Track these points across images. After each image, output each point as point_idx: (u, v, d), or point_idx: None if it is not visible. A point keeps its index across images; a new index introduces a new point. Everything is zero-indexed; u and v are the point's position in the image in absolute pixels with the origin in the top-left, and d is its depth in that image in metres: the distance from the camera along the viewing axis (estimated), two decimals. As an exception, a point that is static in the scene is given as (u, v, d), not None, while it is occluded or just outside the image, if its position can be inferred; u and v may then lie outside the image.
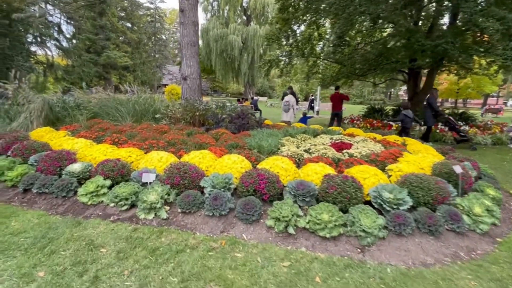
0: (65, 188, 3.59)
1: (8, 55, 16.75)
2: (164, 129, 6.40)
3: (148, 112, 8.41)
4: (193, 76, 8.54)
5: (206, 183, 3.55)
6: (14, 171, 4.04)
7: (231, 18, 42.89)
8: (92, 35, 19.59)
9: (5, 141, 5.18)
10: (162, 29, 49.35)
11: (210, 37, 40.47)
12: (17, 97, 7.09)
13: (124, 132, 6.18)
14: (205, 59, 43.45)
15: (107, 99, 8.30)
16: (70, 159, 4.16)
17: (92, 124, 6.94)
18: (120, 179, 3.80)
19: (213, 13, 45.72)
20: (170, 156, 4.24)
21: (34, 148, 4.62)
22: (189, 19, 8.26)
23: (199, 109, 7.28)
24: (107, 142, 5.14)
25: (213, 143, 5.18)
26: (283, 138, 5.90)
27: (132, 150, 4.41)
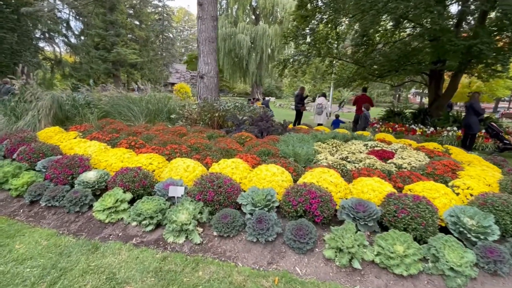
0: (78, 202, 3.05)
1: (16, 50, 16.34)
2: (182, 131, 5.87)
3: (162, 112, 7.89)
4: (210, 75, 8.01)
5: (244, 199, 3.00)
6: (19, 179, 3.53)
7: (239, 17, 42.36)
8: (102, 31, 19.15)
9: (11, 142, 4.68)
10: (170, 27, 49.00)
11: (218, 36, 40.01)
12: (25, 93, 6.60)
13: (139, 134, 5.66)
14: (212, 58, 43.02)
15: (119, 98, 7.78)
16: (83, 166, 3.64)
17: (104, 124, 6.44)
18: (141, 191, 3.27)
19: (221, 12, 45.17)
20: (197, 164, 3.69)
21: (42, 152, 4.10)
22: (208, 13, 7.73)
23: (219, 109, 6.74)
24: (123, 146, 4.61)
25: (240, 149, 4.64)
26: (315, 144, 5.34)
27: (153, 156, 3.87)
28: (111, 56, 18.95)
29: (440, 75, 12.59)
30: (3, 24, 15.45)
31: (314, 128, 8.22)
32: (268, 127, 6.22)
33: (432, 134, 10.40)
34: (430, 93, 13.62)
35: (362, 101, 11.10)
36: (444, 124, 11.61)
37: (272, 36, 40.51)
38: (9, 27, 15.70)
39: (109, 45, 19.73)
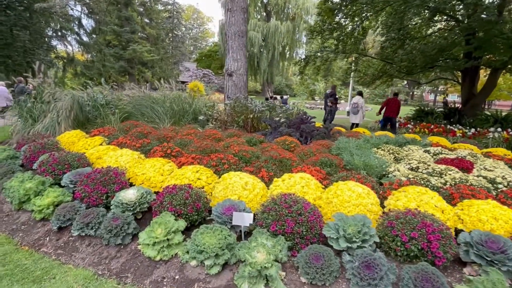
0: (119, 232, 2.42)
1: (29, 49, 15.94)
2: (217, 136, 5.22)
3: (187, 113, 7.26)
4: (240, 72, 7.35)
5: (332, 231, 2.32)
6: (44, 198, 2.91)
7: (251, 14, 41.61)
8: (117, 27, 18.63)
9: (30, 149, 4.09)
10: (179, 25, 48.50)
11: (227, 34, 39.39)
12: (42, 93, 6.03)
13: (170, 139, 5.04)
14: (223, 55, 42.40)
15: (141, 98, 7.18)
16: (119, 182, 3.01)
17: (128, 127, 5.84)
18: (195, 216, 2.62)
19: (232, 9, 44.55)
20: (255, 180, 3.03)
21: (67, 163, 3.49)
22: (238, 5, 7.06)
23: (254, 110, 6.07)
24: (157, 154, 3.98)
25: (294, 158, 3.96)
26: (371, 151, 4.63)
27: (200, 169, 3.22)
28: (126, 54, 18.40)
29: (475, 72, 11.74)
30: (16, 22, 15.04)
31: (353, 130, 7.51)
32: (312, 131, 5.54)
33: (474, 135, 9.57)
34: (464, 91, 12.74)
35: (393, 104, 10.45)
36: (484, 124, 10.77)
37: (284, 33, 39.71)
38: (22, 25, 15.30)
39: (124, 42, 19.19)
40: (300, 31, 42.84)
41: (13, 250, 2.48)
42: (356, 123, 10.97)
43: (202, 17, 73.06)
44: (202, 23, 73.45)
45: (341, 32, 12.06)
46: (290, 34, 40.66)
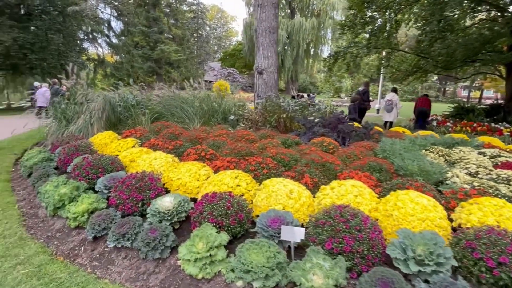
0: (158, 246, 2.22)
1: (63, 51, 16.51)
2: (250, 137, 4.98)
3: (217, 113, 7.09)
4: (270, 70, 7.07)
5: (398, 251, 2.00)
6: (78, 205, 2.78)
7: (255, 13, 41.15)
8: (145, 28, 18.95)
9: (64, 152, 4.03)
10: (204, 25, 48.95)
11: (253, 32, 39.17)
12: (75, 94, 6.06)
13: (202, 140, 4.86)
14: (247, 54, 42.28)
15: (171, 98, 7.08)
16: (155, 188, 2.83)
17: (159, 128, 5.74)
18: (238, 229, 2.38)
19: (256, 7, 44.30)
20: (300, 188, 2.75)
21: (101, 166, 3.37)
22: (269, 0, 6.77)
23: (287, 110, 5.78)
24: (192, 157, 3.80)
25: (338, 162, 3.63)
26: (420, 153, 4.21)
27: (239, 174, 2.98)
28: (154, 54, 18.67)
29: (523, 67, 10.80)
30: (50, 26, 15.60)
31: (392, 130, 7.03)
32: (351, 131, 5.17)
33: (525, 135, 8.74)
34: (509, 86, 11.77)
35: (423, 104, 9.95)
36: (532, 122, 9.89)
37: (309, 30, 38.93)
38: (56, 29, 15.85)
39: (152, 43, 19.48)
40: (325, 27, 41.97)
41: (48, 261, 2.35)
42: (390, 121, 10.43)
43: (226, 17, 73.41)
44: (225, 22, 73.82)
45: (373, 26, 11.46)
46: (315, 31, 39.83)
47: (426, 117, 10.46)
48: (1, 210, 3.25)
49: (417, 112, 10.42)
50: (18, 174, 4.69)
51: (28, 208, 3.34)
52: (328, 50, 46.11)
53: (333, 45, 43.93)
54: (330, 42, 43.88)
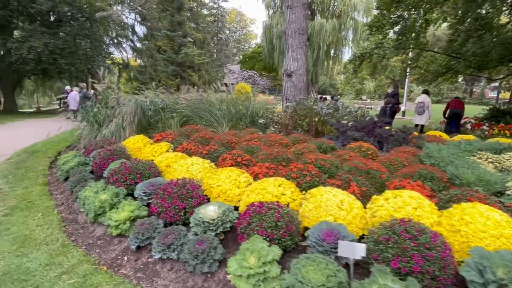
0: (206, 259, 2.11)
1: (90, 56, 16.98)
2: (283, 141, 4.83)
3: (245, 116, 6.98)
4: (299, 72, 6.91)
5: (473, 273, 1.79)
6: (119, 212, 2.72)
7: (287, 15, 40.90)
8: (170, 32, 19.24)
9: (100, 156, 4.02)
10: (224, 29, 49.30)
11: (273, 34, 38.90)
12: (106, 98, 6.12)
13: (234, 144, 4.76)
14: (267, 57, 42.14)
15: (199, 101, 7.05)
16: (197, 196, 2.73)
17: (189, 132, 5.69)
18: (289, 242, 2.23)
19: (276, 9, 44.14)
20: (351, 198, 2.57)
21: (139, 172, 3.31)
22: (299, 1, 6.63)
23: (320, 113, 5.59)
24: (228, 163, 3.69)
25: (383, 169, 3.42)
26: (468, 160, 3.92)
27: (282, 182, 2.84)
28: (178, 58, 18.90)
29: None
30: (79, 31, 16.06)
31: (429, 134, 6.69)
32: (389, 136, 4.92)
33: None
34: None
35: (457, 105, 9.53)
36: None
37: (330, 31, 38.34)
38: (84, 34, 16.30)
39: (177, 46, 19.74)
40: (346, 28, 41.26)
41: (93, 271, 2.29)
42: (421, 124, 10.00)
43: (245, 20, 73.69)
44: (244, 25, 74.14)
45: (403, 26, 11.05)
46: (335, 32, 39.15)
47: (459, 119, 10.00)
48: (41, 215, 3.24)
49: (450, 114, 9.97)
50: (54, 177, 4.75)
51: (67, 213, 3.33)
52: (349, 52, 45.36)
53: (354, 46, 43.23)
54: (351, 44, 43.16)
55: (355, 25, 40.45)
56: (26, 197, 3.82)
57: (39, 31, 15.24)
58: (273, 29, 39.34)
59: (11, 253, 2.55)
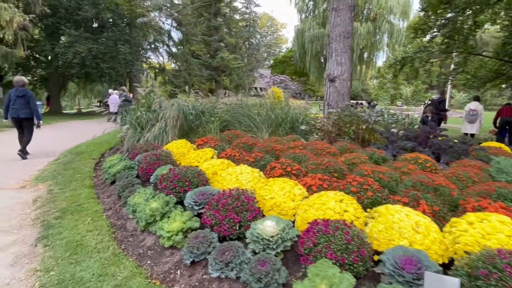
0: (270, 283, 1.92)
1: (129, 60, 17.63)
2: (331, 150, 4.57)
3: (284, 122, 6.78)
4: (343, 77, 6.61)
5: None
6: (171, 222, 2.61)
7: (327, 17, 40.26)
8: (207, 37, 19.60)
9: (146, 161, 3.98)
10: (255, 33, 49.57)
11: (305, 38, 38.57)
12: (149, 102, 6.18)
13: (279, 152, 4.57)
14: (298, 61, 41.83)
15: (239, 105, 6.95)
16: (252, 209, 2.56)
17: (230, 137, 5.59)
18: (361, 267, 1.99)
19: (308, 13, 43.78)
20: (427, 220, 2.28)
21: (188, 179, 3.21)
22: (345, 3, 6.35)
23: (368, 121, 5.27)
24: (276, 172, 3.50)
25: (452, 186, 3.08)
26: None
27: (344, 198, 2.60)
28: (214, 62, 19.19)
29: None
30: (120, 36, 16.72)
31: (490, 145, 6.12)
32: (448, 147, 4.51)
33: None
34: None
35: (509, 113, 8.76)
36: None
37: (364, 35, 37.30)
38: (125, 39, 16.94)
39: (213, 51, 20.07)
40: (382, 32, 39.99)
41: (146, 285, 2.18)
42: (471, 133, 9.27)
43: (276, 24, 73.81)
44: (275, 30, 74.27)
45: (452, 28, 10.37)
46: (370, 36, 38.06)
47: (511, 129, 9.21)
48: (91, 220, 3.23)
49: (502, 123, 9.19)
50: (99, 179, 4.81)
51: (115, 218, 3.29)
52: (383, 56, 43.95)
53: (390, 50, 41.75)
54: (386, 48, 41.74)
55: (391, 28, 39.13)
56: (75, 199, 3.85)
57: (83, 37, 16.05)
58: (305, 33, 38.99)
59: (64, 260, 2.52)
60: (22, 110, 6.23)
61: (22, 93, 6.27)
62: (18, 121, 6.38)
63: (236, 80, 33.90)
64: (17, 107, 6.21)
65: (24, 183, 4.76)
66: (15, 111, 6.23)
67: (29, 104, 6.28)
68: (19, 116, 6.26)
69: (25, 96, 6.27)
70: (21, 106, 6.22)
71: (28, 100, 6.28)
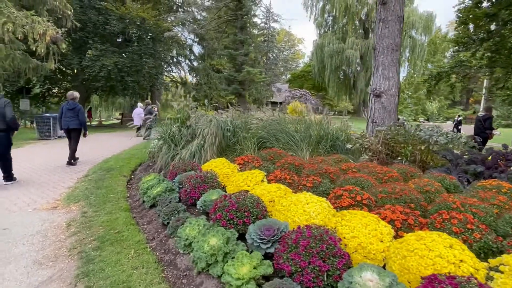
0: None
1: (153, 74, 17.70)
2: (393, 174, 4.05)
3: (324, 139, 6.31)
4: (391, 92, 6.13)
5: None
6: (239, 266, 2.15)
7: (349, 32, 40.13)
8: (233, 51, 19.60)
9: (191, 184, 3.58)
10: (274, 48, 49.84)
11: (324, 53, 38.45)
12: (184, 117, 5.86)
13: (332, 175, 4.08)
14: (316, 75, 41.65)
15: (276, 121, 6.54)
16: (340, 254, 2.08)
17: (272, 156, 5.15)
18: None
19: (327, 28, 43.78)
20: None
21: (247, 209, 2.77)
22: (394, 13, 5.94)
23: (429, 141, 4.73)
24: (345, 202, 3.02)
25: None
26: None
27: (453, 242, 2.09)
28: (240, 76, 19.09)
29: None
30: (145, 50, 16.83)
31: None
32: (531, 173, 3.92)
33: None
34: None
35: None
36: None
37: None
38: (150, 53, 17.04)
39: (238, 65, 20.01)
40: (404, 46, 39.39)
41: None
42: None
43: (293, 39, 74.40)
44: (292, 45, 74.79)
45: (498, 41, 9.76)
46: (391, 51, 37.64)
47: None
48: (134, 253, 2.81)
49: None
50: (134, 200, 4.44)
51: (161, 252, 2.87)
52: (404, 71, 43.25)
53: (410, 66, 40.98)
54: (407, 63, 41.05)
55: (412, 43, 38.57)
56: (113, 225, 3.47)
57: (110, 51, 16.23)
58: (325, 48, 38.88)
59: (113, 308, 2.09)
60: (72, 121, 6.84)
61: (72, 106, 6.88)
62: (68, 131, 6.98)
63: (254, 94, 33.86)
64: (68, 118, 6.84)
65: (56, 202, 4.44)
66: (66, 122, 6.84)
67: (78, 116, 6.88)
68: (69, 126, 6.86)
69: (74, 109, 6.87)
70: (71, 117, 6.83)
71: (77, 112, 6.88)
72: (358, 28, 42.41)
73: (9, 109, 5.02)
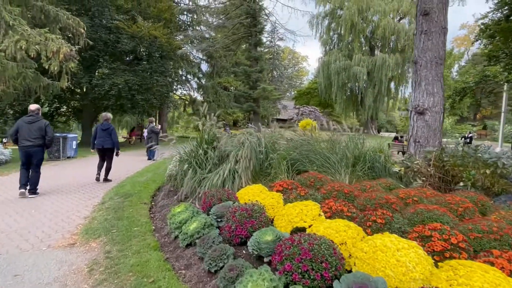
0: None
1: (164, 92, 17.40)
2: (468, 205, 3.45)
3: (361, 160, 5.75)
4: (435, 109, 5.61)
5: None
6: None
7: (355, 49, 40.16)
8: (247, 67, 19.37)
9: (236, 219, 3.02)
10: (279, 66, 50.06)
11: (331, 70, 38.35)
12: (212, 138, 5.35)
13: (394, 205, 3.49)
14: (323, 92, 41.45)
15: (307, 141, 6.02)
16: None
17: (312, 181, 4.60)
18: None
19: (333, 46, 43.94)
20: None
21: (324, 258, 2.18)
22: (438, 25, 5.50)
23: (495, 164, 4.15)
24: (437, 246, 2.43)
25: None
26: None
27: None
28: (255, 94, 18.77)
29: None
30: (156, 68, 16.60)
31: None
32: None
33: None
34: None
35: None
36: None
37: (393, 66, 36.67)
38: (160, 71, 16.80)
39: (252, 82, 19.73)
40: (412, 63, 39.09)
41: None
42: None
43: (297, 57, 75.09)
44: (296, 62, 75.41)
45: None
46: (398, 67, 37.51)
47: None
48: (180, 315, 2.21)
49: None
50: (162, 235, 3.86)
51: (214, 313, 2.27)
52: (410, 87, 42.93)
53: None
54: (414, 78, 40.81)
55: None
56: (144, 271, 2.88)
57: (121, 69, 16.00)
58: (331, 65, 38.82)
59: None
60: (106, 141, 7.11)
61: (106, 127, 7.21)
62: (101, 151, 7.24)
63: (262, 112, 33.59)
64: (102, 138, 7.12)
65: (72, 237, 3.87)
66: (100, 142, 7.12)
67: (111, 136, 7.16)
68: (103, 146, 7.13)
69: (108, 130, 7.18)
70: (105, 138, 7.12)
71: (110, 133, 7.18)
72: (364, 45, 42.57)
73: (49, 129, 5.97)
